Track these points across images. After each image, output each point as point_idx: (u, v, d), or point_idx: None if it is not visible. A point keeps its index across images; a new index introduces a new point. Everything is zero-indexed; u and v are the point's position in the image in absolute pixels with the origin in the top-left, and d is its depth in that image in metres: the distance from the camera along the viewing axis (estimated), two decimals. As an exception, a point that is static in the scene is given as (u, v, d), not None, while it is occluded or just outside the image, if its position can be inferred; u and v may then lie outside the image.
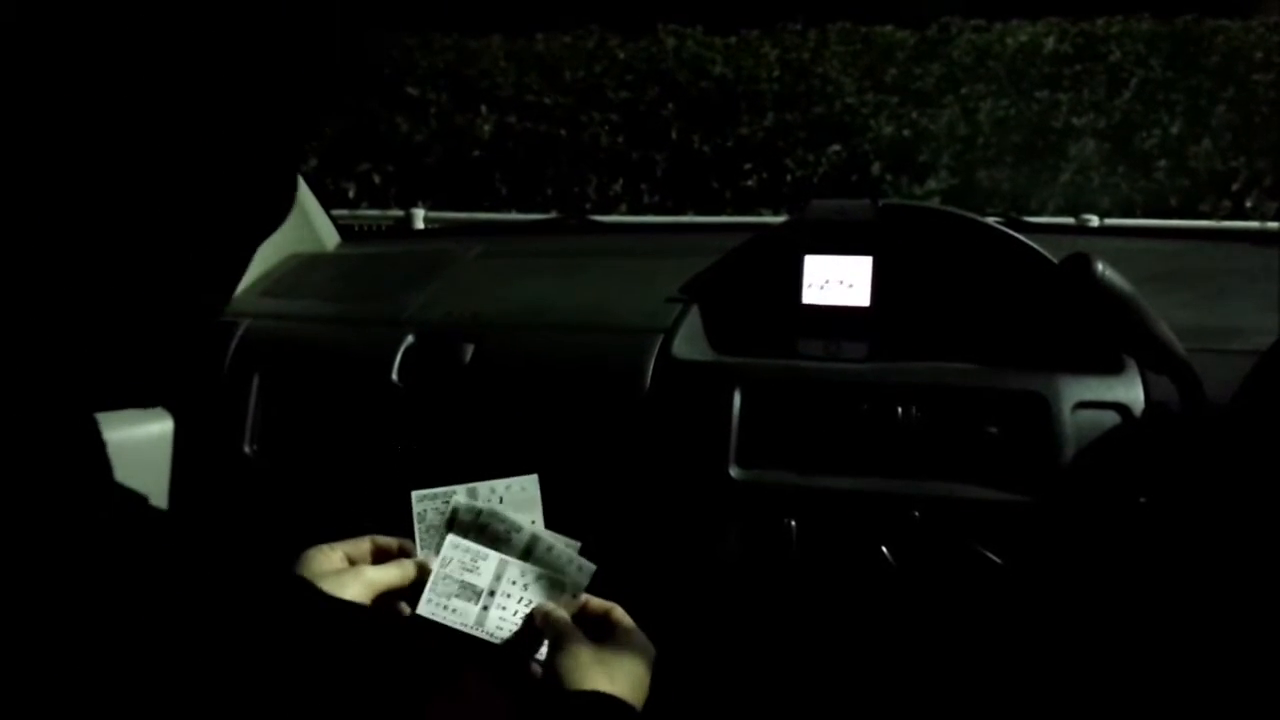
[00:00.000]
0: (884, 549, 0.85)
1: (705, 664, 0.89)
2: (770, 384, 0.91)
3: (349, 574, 0.68)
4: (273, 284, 1.18)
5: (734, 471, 0.89)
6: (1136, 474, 0.82)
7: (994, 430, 0.86)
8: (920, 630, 0.86)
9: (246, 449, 1.04)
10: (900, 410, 0.88)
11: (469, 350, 1.01)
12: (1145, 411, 0.84)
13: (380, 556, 0.73)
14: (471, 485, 0.77)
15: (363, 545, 0.74)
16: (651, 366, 0.95)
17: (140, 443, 1.03)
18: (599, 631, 0.70)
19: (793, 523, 0.87)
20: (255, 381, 1.05)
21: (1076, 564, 0.82)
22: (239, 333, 1.08)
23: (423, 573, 0.73)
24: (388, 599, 0.70)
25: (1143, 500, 0.80)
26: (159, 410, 1.06)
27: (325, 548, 0.71)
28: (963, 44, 5.87)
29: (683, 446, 0.91)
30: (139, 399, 1.05)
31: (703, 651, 0.89)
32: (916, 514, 0.84)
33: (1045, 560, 0.83)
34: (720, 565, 0.89)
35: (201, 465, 1.05)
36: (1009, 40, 5.84)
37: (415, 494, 0.77)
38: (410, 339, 1.03)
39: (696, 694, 0.87)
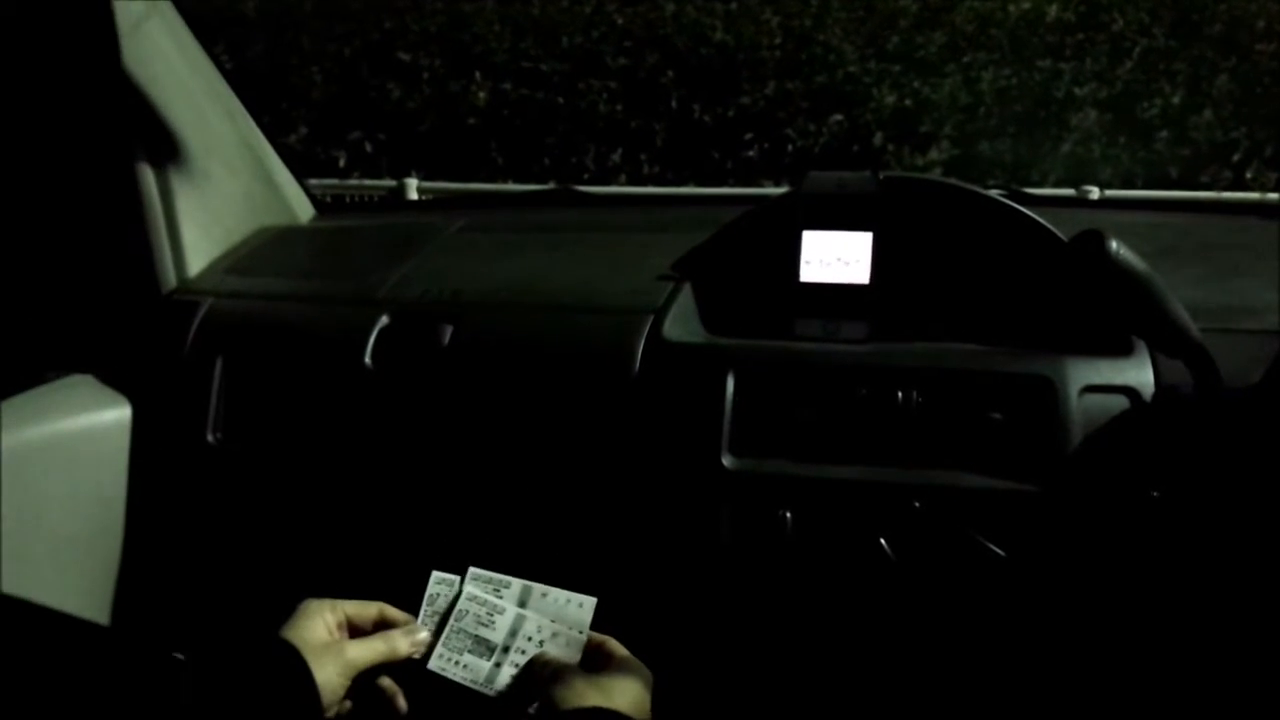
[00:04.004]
0: (883, 541, 0.81)
1: (699, 659, 0.86)
2: (765, 367, 0.87)
3: (329, 652, 0.66)
4: (239, 260, 1.12)
5: (727, 460, 0.85)
6: (1147, 462, 0.78)
7: (998, 416, 0.82)
8: (920, 625, 0.83)
9: (209, 437, 0.99)
10: (900, 395, 0.84)
11: (447, 332, 0.96)
12: (1156, 396, 0.80)
13: (383, 627, 0.71)
14: (527, 584, 0.74)
15: (369, 610, 0.72)
16: (641, 348, 0.90)
17: (96, 431, 0.98)
18: (595, 664, 0.69)
19: (788, 514, 0.83)
20: (219, 365, 1.00)
21: (1083, 558, 0.78)
22: (201, 312, 1.02)
23: (411, 649, 0.70)
24: (369, 676, 0.68)
25: (1155, 494, 0.76)
26: (116, 396, 1.01)
27: (328, 606, 0.69)
28: (965, 11, 5.80)
29: (673, 434, 0.87)
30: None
31: (696, 647, 0.86)
32: (916, 504, 0.81)
33: (1050, 553, 0.79)
34: (713, 558, 0.85)
35: (162, 454, 1.00)
36: (1011, 8, 5.77)
37: (469, 572, 0.74)
38: (385, 319, 0.98)
39: (692, 690, 0.84)
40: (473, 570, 0.75)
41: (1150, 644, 0.78)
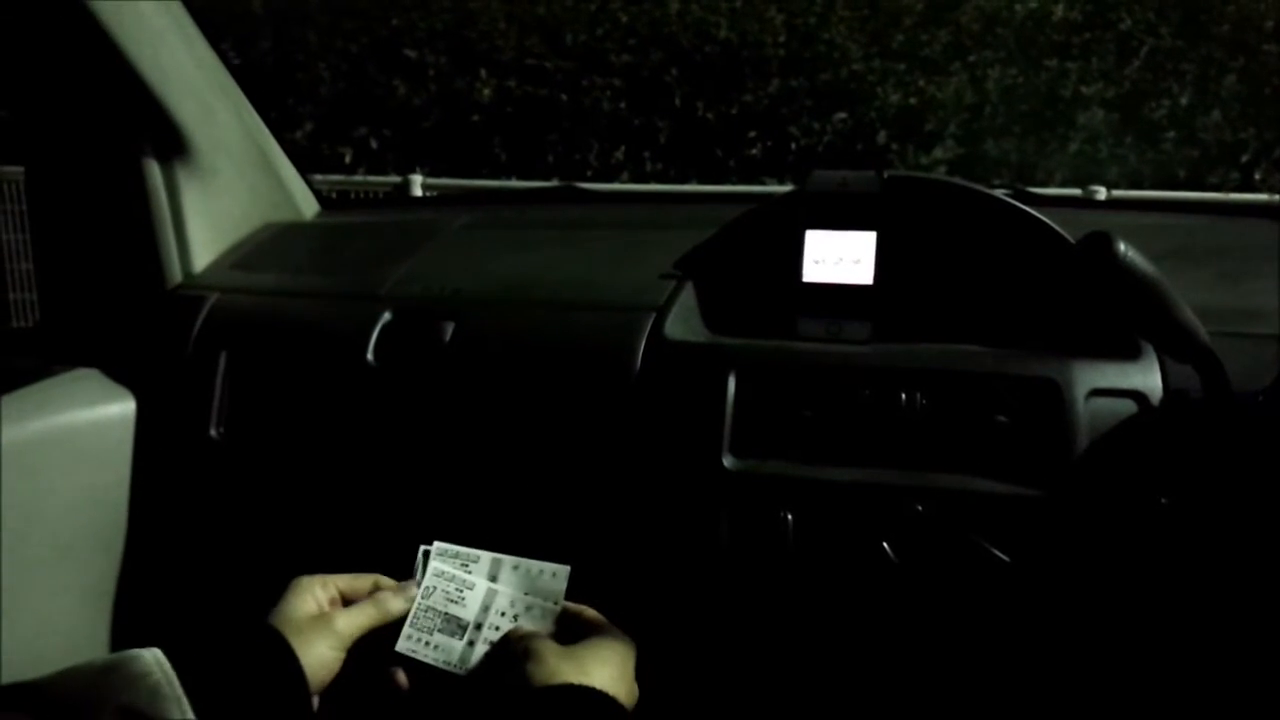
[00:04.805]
0: (885, 544, 0.81)
1: (698, 661, 0.86)
2: (767, 367, 0.87)
3: (317, 626, 0.65)
4: (244, 255, 1.12)
5: (728, 461, 0.84)
6: (1155, 468, 0.77)
7: (1003, 419, 0.82)
8: (922, 630, 0.82)
9: (212, 432, 0.99)
10: (904, 396, 0.83)
11: (449, 329, 0.96)
12: (1164, 400, 0.80)
13: None
14: (497, 556, 0.72)
15: (363, 583, 0.70)
16: (642, 347, 0.90)
17: (100, 425, 0.98)
18: (574, 634, 0.68)
19: (789, 516, 0.83)
20: (222, 360, 0.99)
21: (1089, 564, 0.78)
22: (206, 308, 1.02)
23: (406, 606, 0.69)
24: (366, 645, 0.67)
25: (1163, 501, 0.76)
26: (121, 390, 1.01)
27: (318, 582, 0.68)
28: (971, 10, 5.79)
29: (674, 433, 0.86)
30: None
31: (695, 649, 0.86)
32: (920, 507, 0.80)
33: (1056, 559, 0.78)
34: (713, 560, 0.84)
35: (165, 449, 1.00)
36: (1018, 7, 5.76)
37: (434, 548, 0.72)
38: (387, 316, 0.98)
39: (689, 691, 0.84)
40: (438, 545, 0.72)
41: (1157, 653, 0.77)
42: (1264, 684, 0.72)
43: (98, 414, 0.98)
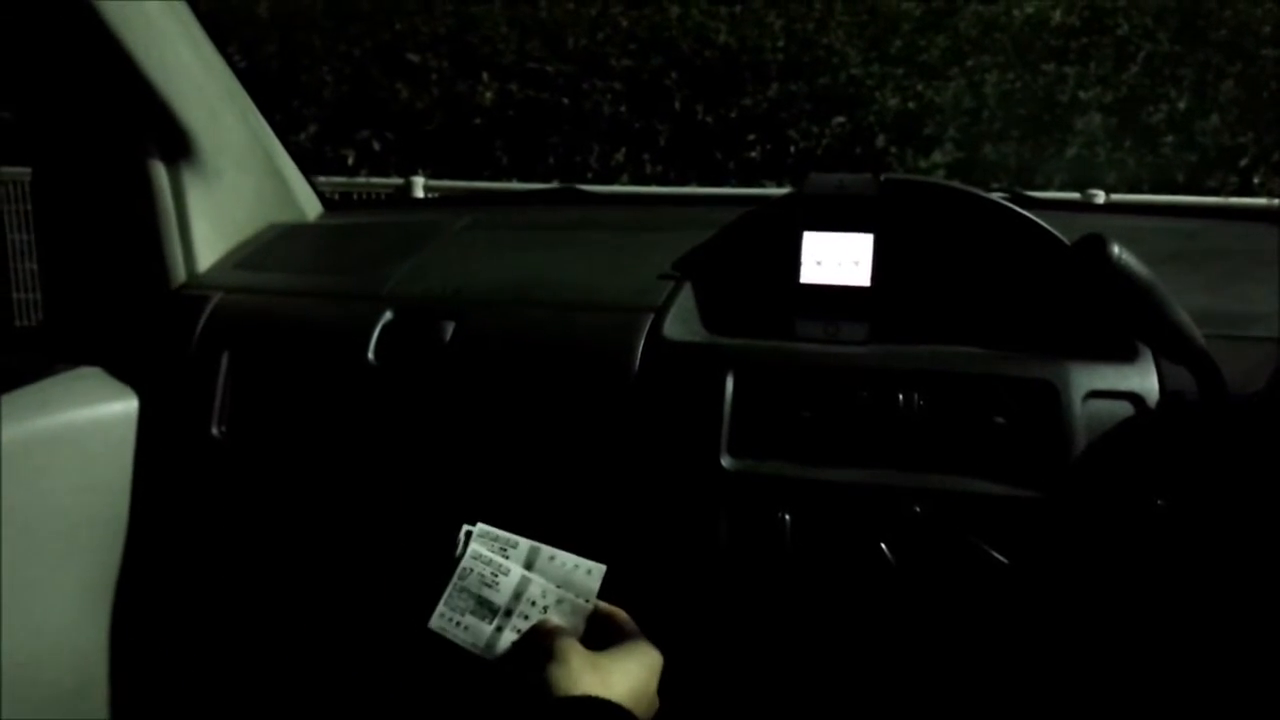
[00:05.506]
0: (883, 545, 0.81)
1: (695, 662, 0.86)
2: (765, 367, 0.87)
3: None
4: (247, 255, 1.13)
5: (725, 461, 0.85)
6: (1152, 469, 0.78)
7: (1000, 420, 0.82)
8: (920, 631, 0.82)
9: (214, 431, 0.99)
10: (901, 397, 0.84)
11: (449, 328, 0.96)
12: (1160, 402, 0.80)
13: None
14: (535, 545, 0.73)
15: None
16: (641, 347, 0.90)
17: (103, 423, 0.98)
18: (603, 637, 0.67)
19: (787, 516, 0.83)
20: (225, 359, 1.00)
21: (1087, 565, 0.78)
22: (209, 307, 1.03)
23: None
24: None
25: (1160, 502, 0.76)
26: (123, 389, 1.01)
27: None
28: (969, 15, 5.81)
29: (672, 433, 0.87)
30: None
31: (693, 649, 0.86)
32: (917, 509, 0.81)
33: (1054, 560, 0.79)
34: (711, 559, 0.85)
35: (167, 448, 1.01)
36: (1016, 12, 5.78)
37: (476, 529, 0.73)
38: (389, 315, 0.99)
39: (689, 692, 0.84)
40: (480, 527, 0.72)
41: (1154, 654, 0.78)
42: (1261, 684, 0.73)
43: (100, 413, 0.98)
